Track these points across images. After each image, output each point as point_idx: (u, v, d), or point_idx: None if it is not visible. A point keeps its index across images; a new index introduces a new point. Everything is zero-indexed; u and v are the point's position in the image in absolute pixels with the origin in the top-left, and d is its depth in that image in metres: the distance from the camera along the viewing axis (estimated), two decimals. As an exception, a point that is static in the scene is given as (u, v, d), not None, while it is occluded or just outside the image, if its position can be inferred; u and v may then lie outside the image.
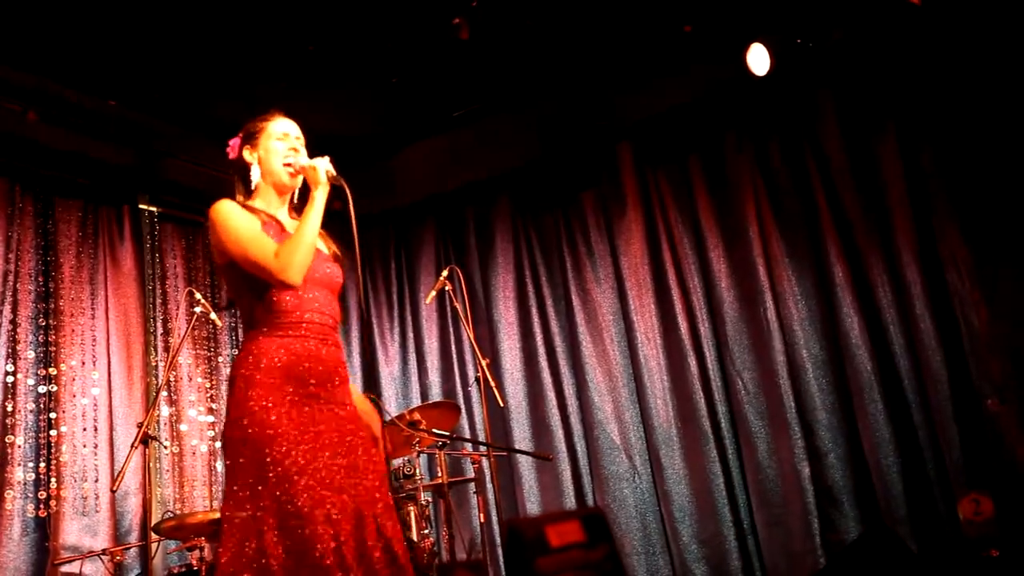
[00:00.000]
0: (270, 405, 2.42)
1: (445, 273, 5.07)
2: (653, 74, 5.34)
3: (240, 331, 6.01)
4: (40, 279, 5.01)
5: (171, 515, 4.51)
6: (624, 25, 4.85)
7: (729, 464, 5.27)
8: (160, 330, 5.50)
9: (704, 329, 5.46)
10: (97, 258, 5.27)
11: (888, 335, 4.84)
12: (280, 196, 2.73)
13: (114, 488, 4.27)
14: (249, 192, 2.74)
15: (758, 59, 4.83)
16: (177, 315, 5.54)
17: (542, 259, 6.16)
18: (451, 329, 6.32)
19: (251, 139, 2.74)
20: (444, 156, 6.13)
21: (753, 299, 5.28)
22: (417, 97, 5.37)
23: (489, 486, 5.00)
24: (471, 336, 4.90)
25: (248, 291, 2.58)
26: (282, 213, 2.73)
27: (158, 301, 5.56)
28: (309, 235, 2.53)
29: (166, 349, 5.43)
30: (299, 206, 2.73)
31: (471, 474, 4.95)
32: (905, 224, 4.84)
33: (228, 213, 2.58)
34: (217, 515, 3.86)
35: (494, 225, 6.34)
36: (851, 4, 4.25)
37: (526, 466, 5.83)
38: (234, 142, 2.78)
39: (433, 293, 5.10)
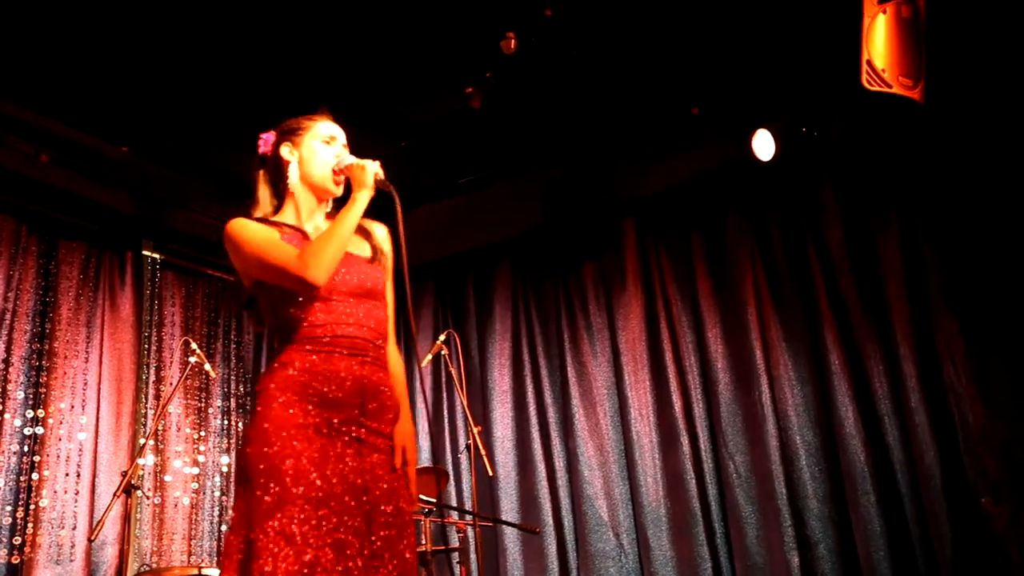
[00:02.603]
0: (280, 431, 2.17)
1: (442, 337, 5.07)
2: (658, 151, 5.40)
3: (233, 383, 5.98)
4: (37, 319, 4.99)
5: (147, 568, 4.43)
6: (631, 102, 4.93)
7: (717, 548, 5.18)
8: (152, 378, 5.47)
9: (698, 409, 5.42)
10: (96, 301, 5.27)
11: (883, 426, 4.79)
12: (318, 203, 2.47)
13: (92, 537, 4.18)
14: (278, 190, 2.48)
15: (763, 145, 4.90)
16: (171, 364, 5.52)
17: (540, 329, 6.16)
18: (444, 394, 6.30)
19: (292, 135, 2.47)
20: (447, 220, 6.17)
21: (748, 382, 5.26)
22: (424, 162, 5.44)
23: (473, 556, 4.92)
24: (464, 403, 4.88)
25: (272, 309, 2.32)
26: (311, 226, 2.44)
27: (153, 348, 5.54)
28: (340, 234, 2.26)
29: (156, 397, 5.39)
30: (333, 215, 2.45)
31: (455, 543, 4.86)
32: (902, 315, 4.85)
33: (242, 225, 2.34)
34: (194, 571, 3.80)
35: (494, 292, 6.36)
36: (855, 96, 4.31)
37: (511, 538, 5.74)
38: (267, 136, 2.52)
39: (429, 356, 5.10)
